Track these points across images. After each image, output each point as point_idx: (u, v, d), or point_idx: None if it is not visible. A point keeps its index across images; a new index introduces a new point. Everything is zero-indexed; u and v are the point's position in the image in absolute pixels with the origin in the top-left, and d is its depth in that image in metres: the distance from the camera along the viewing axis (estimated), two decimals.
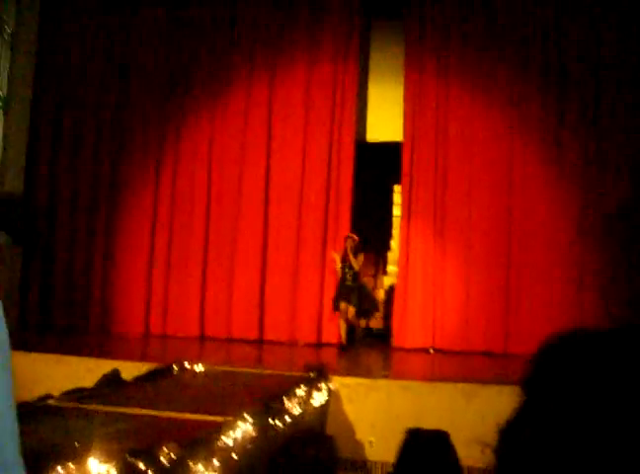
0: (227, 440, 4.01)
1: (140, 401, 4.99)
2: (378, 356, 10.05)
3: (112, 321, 10.84)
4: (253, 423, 4.37)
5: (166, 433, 3.98)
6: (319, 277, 10.33)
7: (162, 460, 3.28)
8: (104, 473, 3.13)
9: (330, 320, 10.07)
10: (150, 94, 11.08)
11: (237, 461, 4.00)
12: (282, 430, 4.91)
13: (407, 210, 10.38)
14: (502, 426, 1.00)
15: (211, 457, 3.66)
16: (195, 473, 3.45)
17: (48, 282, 10.84)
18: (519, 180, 10.09)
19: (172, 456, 3.33)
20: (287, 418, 5.11)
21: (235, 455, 4.01)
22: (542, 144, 10.06)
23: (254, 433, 4.33)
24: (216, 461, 3.70)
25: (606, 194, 9.77)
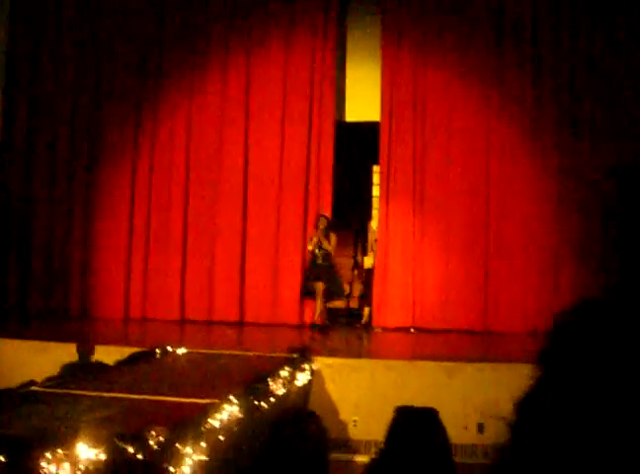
0: (214, 422, 4.03)
1: (124, 385, 4.98)
2: (359, 336, 10.06)
3: (91, 305, 10.78)
4: (239, 404, 4.39)
5: (152, 416, 3.98)
6: (300, 258, 10.32)
7: (151, 444, 3.29)
8: (93, 458, 3.14)
9: (312, 301, 10.03)
10: (126, 75, 10.96)
11: (224, 442, 4.02)
12: (267, 410, 4.94)
13: (386, 190, 10.38)
14: (518, 400, 1.01)
15: (199, 439, 3.68)
16: (183, 455, 3.46)
17: (26, 268, 10.75)
18: (496, 157, 10.13)
19: (160, 439, 3.34)
20: (272, 398, 5.14)
21: (222, 437, 4.03)
22: (520, 119, 10.09)
23: (240, 414, 4.35)
24: (204, 443, 3.72)
25: (584, 165, 9.84)
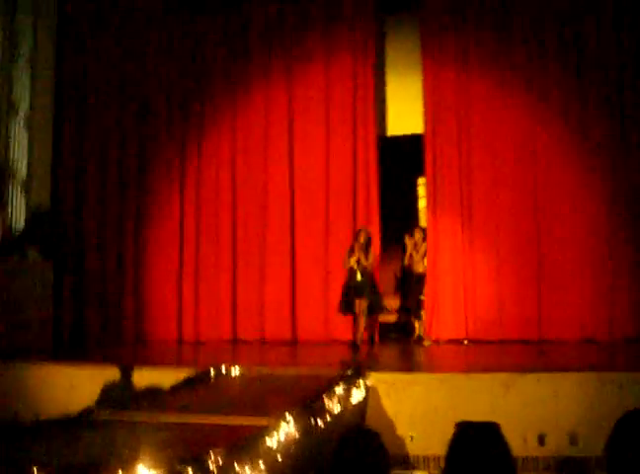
0: (271, 443, 4.02)
1: (180, 408, 5.01)
2: (412, 350, 9.97)
3: (145, 330, 10.92)
4: (295, 423, 4.38)
5: (210, 438, 4.00)
6: None
7: (210, 466, 3.30)
8: None
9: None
10: (171, 102, 11.15)
11: (281, 463, 4.01)
12: (324, 429, 4.93)
13: (433, 203, 10.32)
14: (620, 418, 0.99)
15: (257, 460, 3.68)
16: None
17: (81, 296, 10.92)
18: (544, 167, 10.00)
19: (219, 462, 3.35)
20: (329, 417, 5.12)
21: (280, 457, 4.02)
22: (566, 127, 9.97)
23: (297, 433, 4.34)
24: (262, 464, 3.72)
25: (634, 171, 9.67)
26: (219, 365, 6.76)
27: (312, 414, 4.80)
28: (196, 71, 11.17)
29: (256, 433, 4.04)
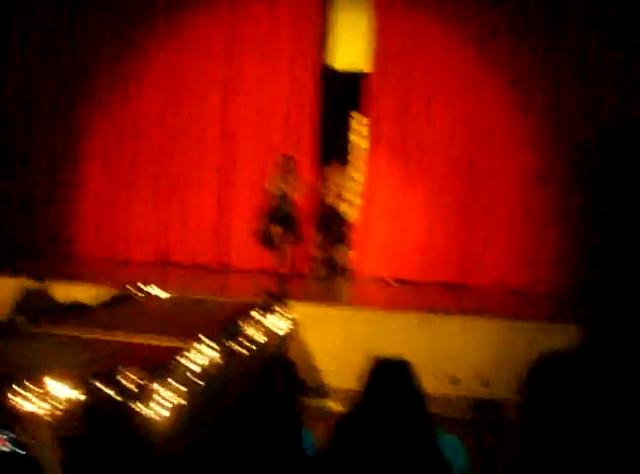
0: (192, 366, 4.12)
1: (104, 326, 5.04)
2: (338, 285, 10.12)
3: (74, 245, 10.84)
4: (211, 346, 4.48)
5: (129, 357, 4.06)
6: None
7: (126, 384, 3.38)
8: (67, 396, 3.21)
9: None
10: (109, 21, 10.83)
11: (203, 387, 4.10)
12: (247, 356, 5.06)
13: (370, 139, 10.35)
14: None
15: (177, 383, 3.77)
16: (160, 397, 3.55)
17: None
18: (484, 109, 10.04)
19: (136, 380, 3.42)
20: (251, 344, 5.25)
21: (199, 380, 4.10)
22: (510, 74, 9.95)
23: (215, 355, 4.46)
24: (183, 387, 3.80)
25: (569, 123, 9.81)
26: (144, 286, 6.75)
27: (227, 336, 4.92)
28: None
29: (174, 353, 4.13)
